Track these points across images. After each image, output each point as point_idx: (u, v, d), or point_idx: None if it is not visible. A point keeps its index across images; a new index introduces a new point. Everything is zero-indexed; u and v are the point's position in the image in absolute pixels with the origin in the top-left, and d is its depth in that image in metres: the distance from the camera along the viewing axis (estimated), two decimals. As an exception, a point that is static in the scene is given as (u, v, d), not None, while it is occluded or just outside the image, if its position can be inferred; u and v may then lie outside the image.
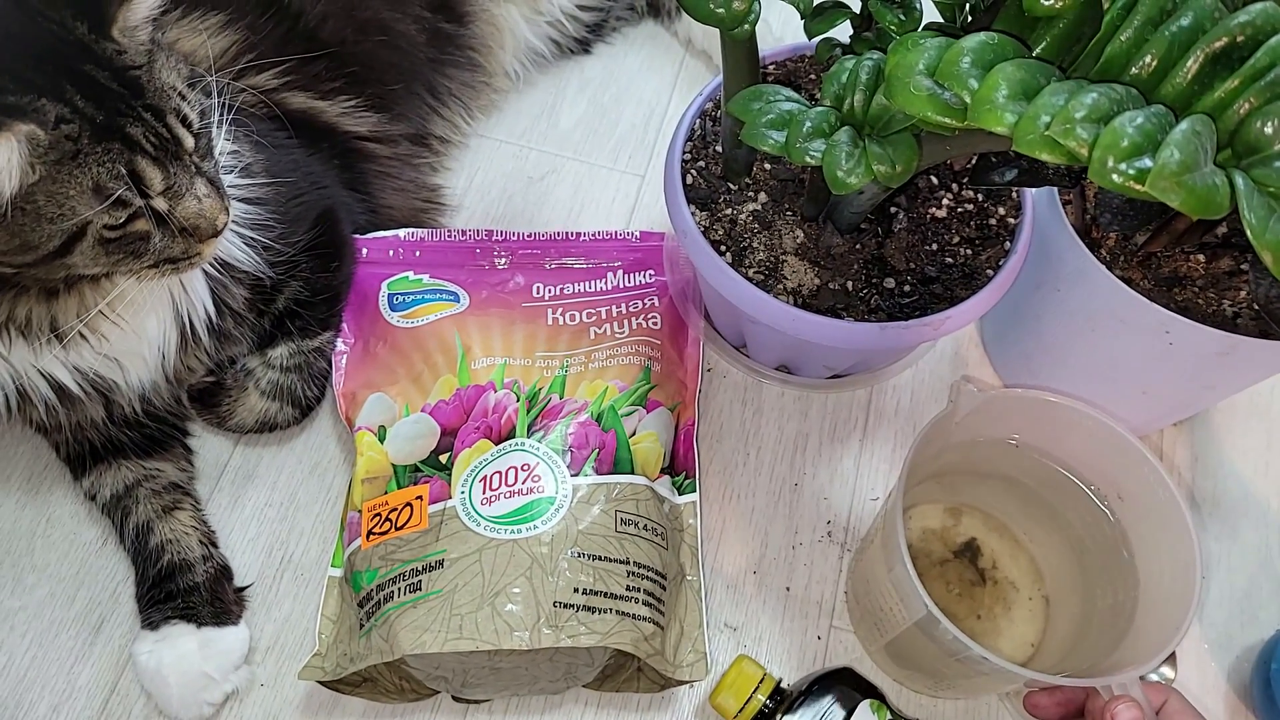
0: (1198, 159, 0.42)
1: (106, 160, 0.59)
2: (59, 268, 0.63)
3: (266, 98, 0.87)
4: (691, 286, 0.90)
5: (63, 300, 0.68)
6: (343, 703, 0.78)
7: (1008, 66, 0.47)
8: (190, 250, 0.67)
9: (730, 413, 0.92)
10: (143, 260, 0.65)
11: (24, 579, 0.84)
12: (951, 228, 0.80)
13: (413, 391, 0.83)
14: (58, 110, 0.57)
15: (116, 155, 0.60)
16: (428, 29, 0.99)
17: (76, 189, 0.59)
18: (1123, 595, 0.71)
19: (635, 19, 1.19)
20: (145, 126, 0.61)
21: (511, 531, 0.73)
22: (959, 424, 0.70)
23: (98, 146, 0.59)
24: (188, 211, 0.65)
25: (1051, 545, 0.79)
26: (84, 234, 0.61)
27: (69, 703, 0.79)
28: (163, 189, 0.63)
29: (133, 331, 0.73)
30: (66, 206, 0.59)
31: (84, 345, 0.72)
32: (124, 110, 0.61)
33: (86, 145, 0.59)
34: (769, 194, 0.80)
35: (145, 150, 0.61)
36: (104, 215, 0.61)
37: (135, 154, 0.61)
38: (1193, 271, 0.75)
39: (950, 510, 0.82)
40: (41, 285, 0.66)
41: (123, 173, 0.60)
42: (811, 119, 0.60)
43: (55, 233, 0.60)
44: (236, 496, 0.88)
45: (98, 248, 0.63)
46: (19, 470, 0.89)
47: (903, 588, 0.65)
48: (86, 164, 0.59)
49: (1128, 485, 0.71)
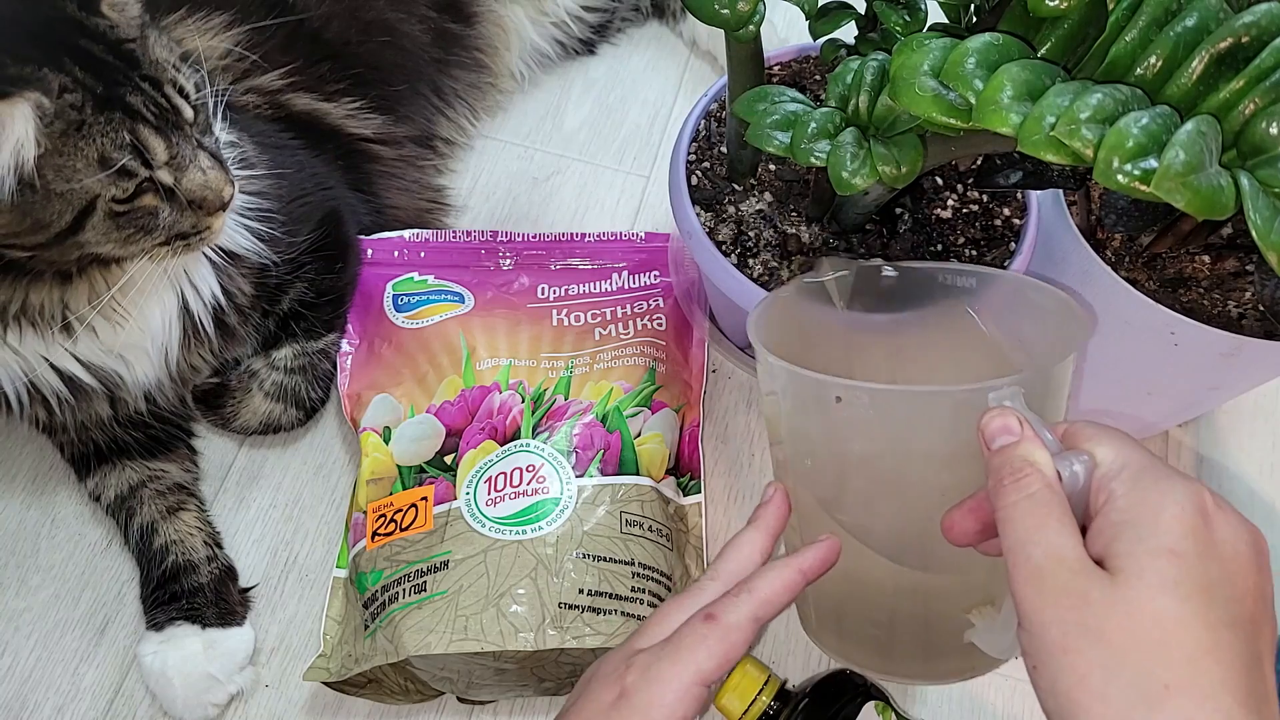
0: (1203, 160, 0.42)
1: (110, 130, 0.60)
2: (72, 247, 0.64)
3: (271, 99, 0.87)
4: (696, 287, 0.90)
5: (76, 285, 0.68)
6: (347, 704, 0.78)
7: (1013, 67, 0.47)
8: (200, 224, 0.68)
9: (735, 414, 0.92)
10: (154, 236, 0.66)
11: (29, 580, 0.84)
12: (956, 229, 0.80)
13: (418, 392, 0.83)
14: (60, 80, 0.58)
15: (119, 124, 0.61)
16: (433, 30, 0.99)
17: (83, 161, 0.60)
18: None
19: (640, 20, 1.19)
20: (144, 96, 0.62)
21: (516, 533, 0.73)
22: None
23: (100, 116, 0.60)
24: (193, 183, 0.66)
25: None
26: (93, 208, 0.62)
27: (74, 704, 0.79)
28: (166, 159, 0.64)
29: (137, 323, 0.74)
30: (75, 180, 0.60)
31: (90, 337, 0.72)
32: (122, 80, 0.61)
33: (90, 115, 0.59)
34: (774, 195, 0.80)
35: (146, 119, 0.62)
36: (111, 187, 0.61)
37: (137, 123, 0.62)
38: (1198, 272, 0.75)
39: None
40: (55, 269, 0.66)
41: (127, 141, 0.61)
42: (816, 120, 0.60)
43: (65, 208, 0.61)
44: (241, 497, 0.88)
45: (108, 222, 0.63)
46: (24, 471, 0.89)
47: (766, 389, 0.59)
48: (91, 134, 0.60)
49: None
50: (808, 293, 0.67)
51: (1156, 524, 0.43)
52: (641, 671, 0.52)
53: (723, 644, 0.53)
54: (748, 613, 0.54)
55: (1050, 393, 0.55)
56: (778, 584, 0.55)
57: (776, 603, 0.55)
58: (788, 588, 0.56)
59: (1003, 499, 0.46)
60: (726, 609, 0.54)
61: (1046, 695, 0.43)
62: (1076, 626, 0.42)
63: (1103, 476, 0.46)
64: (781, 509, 0.61)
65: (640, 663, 0.53)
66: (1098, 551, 0.44)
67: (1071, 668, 0.42)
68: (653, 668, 0.52)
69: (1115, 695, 0.41)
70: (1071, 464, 0.47)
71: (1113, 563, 0.43)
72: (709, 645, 0.53)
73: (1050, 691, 0.43)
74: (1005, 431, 0.48)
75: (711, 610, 0.54)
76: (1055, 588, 0.43)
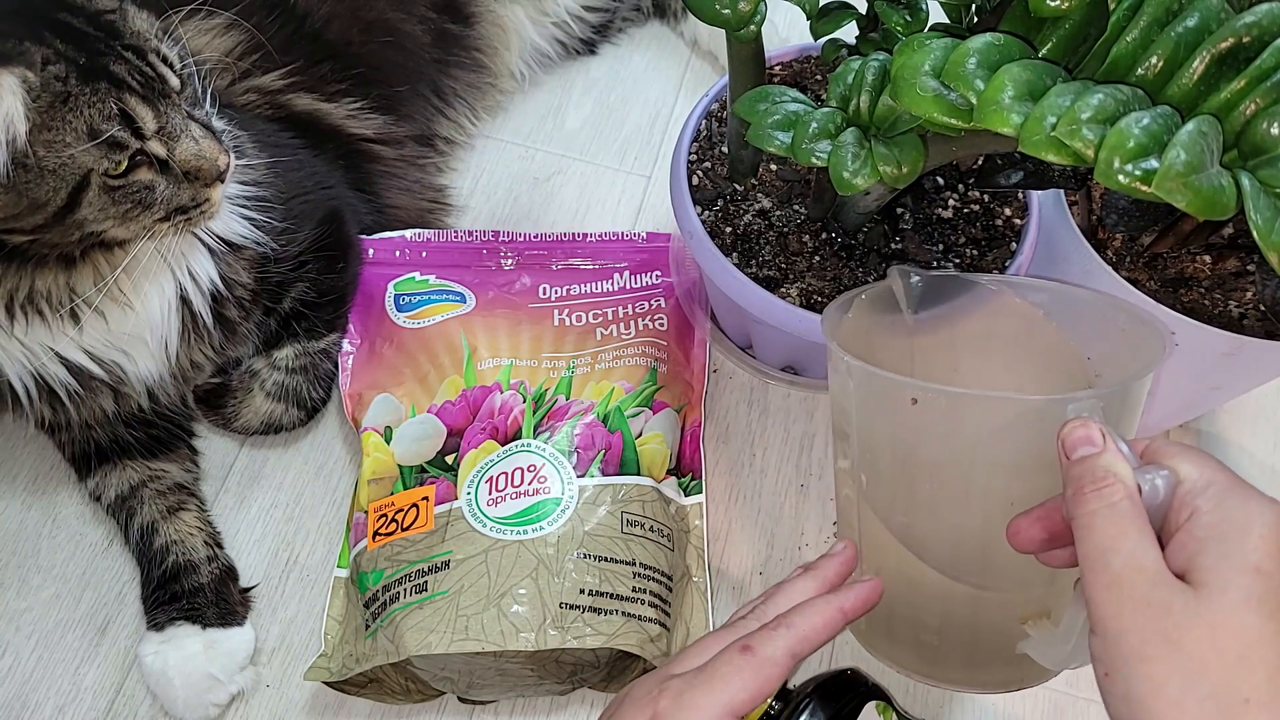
0: (1204, 160, 0.42)
1: (96, 100, 0.60)
2: (72, 227, 0.64)
3: (271, 99, 0.87)
4: (698, 287, 0.90)
5: (80, 269, 0.68)
6: (348, 704, 0.78)
7: (1014, 67, 0.47)
8: (198, 196, 0.68)
9: (736, 414, 0.92)
10: (153, 211, 0.66)
11: (30, 580, 0.84)
12: (958, 228, 0.80)
13: (419, 392, 0.83)
14: (42, 52, 0.58)
15: (105, 94, 0.61)
16: (433, 30, 0.99)
17: (72, 134, 0.60)
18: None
19: (641, 20, 1.18)
20: (128, 65, 0.62)
21: (517, 532, 0.73)
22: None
23: (86, 87, 0.60)
24: (186, 153, 0.66)
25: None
26: (88, 183, 0.62)
27: (74, 704, 0.79)
28: (156, 129, 0.64)
29: (137, 310, 0.73)
30: (66, 154, 0.60)
31: (94, 326, 0.72)
32: (104, 50, 0.62)
33: (75, 87, 0.59)
34: (775, 195, 0.80)
35: (132, 88, 0.62)
36: (103, 160, 0.61)
37: (124, 92, 0.62)
38: (1199, 272, 0.75)
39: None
40: (58, 252, 0.66)
41: (114, 111, 0.61)
42: (817, 120, 0.60)
43: (60, 185, 0.61)
44: (242, 497, 0.88)
45: (104, 197, 0.63)
46: (25, 471, 0.89)
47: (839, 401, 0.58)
48: (78, 106, 0.60)
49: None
50: (875, 298, 0.67)
51: (1244, 541, 0.44)
52: (674, 698, 0.52)
53: (757, 677, 0.53)
54: (784, 647, 0.54)
55: (1127, 409, 0.56)
56: (818, 621, 0.55)
57: (814, 640, 0.55)
58: (827, 626, 0.56)
59: (1083, 507, 0.47)
60: (764, 642, 0.54)
61: (1120, 702, 0.44)
62: (1156, 635, 0.43)
63: (1187, 493, 0.46)
64: (847, 565, 0.61)
65: (674, 688, 0.53)
66: (1179, 565, 0.45)
67: (1149, 675, 0.43)
68: (685, 694, 0.52)
69: (1193, 705, 0.41)
70: (1153, 478, 0.47)
71: (1196, 576, 0.44)
72: (744, 677, 0.53)
73: (1124, 698, 0.43)
74: (1087, 442, 0.48)
75: (748, 642, 0.54)
76: (1135, 596, 0.44)
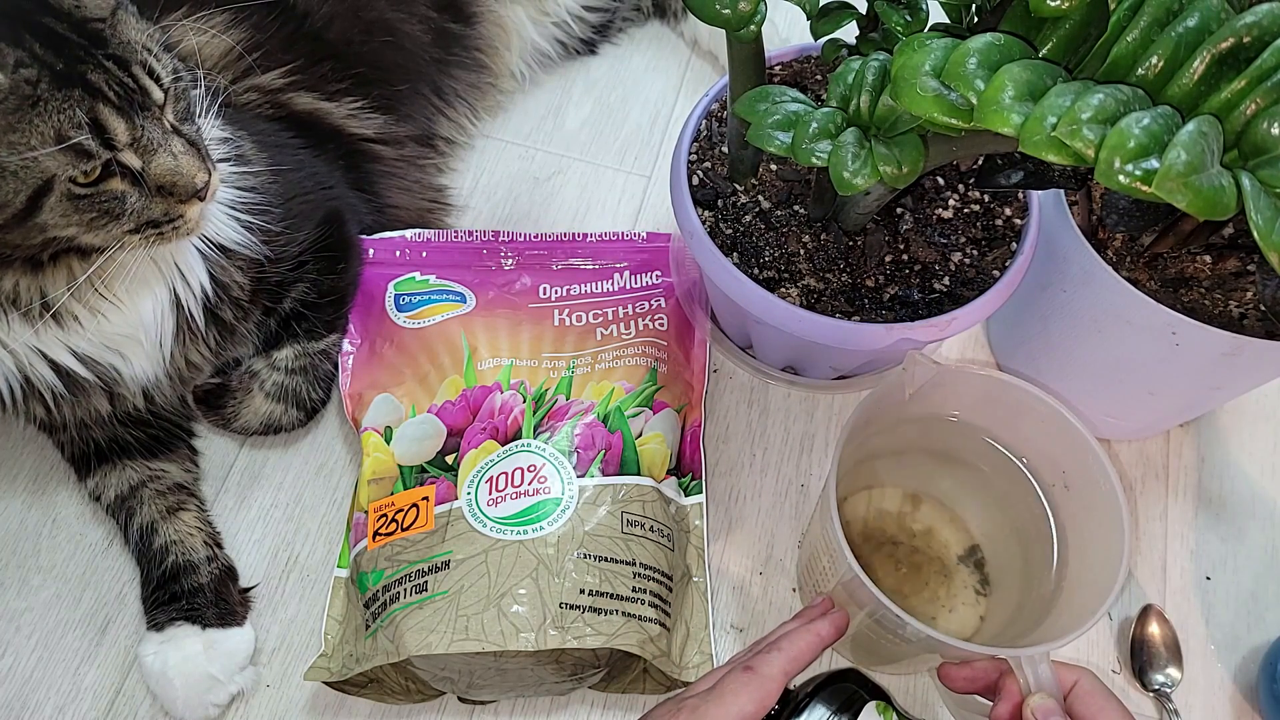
0: (1204, 160, 0.42)
1: (67, 107, 0.59)
2: (33, 230, 0.62)
3: (272, 98, 0.87)
4: (698, 288, 0.90)
5: (49, 273, 0.67)
6: (348, 704, 0.78)
7: (1014, 67, 0.47)
8: (171, 212, 0.66)
9: (737, 414, 0.92)
10: (121, 223, 0.64)
11: (30, 580, 0.84)
12: (958, 229, 0.79)
13: (419, 392, 0.83)
14: (16, 55, 0.57)
15: (77, 102, 0.59)
16: (434, 30, 0.99)
17: (38, 138, 0.58)
18: (1056, 584, 0.72)
19: (641, 20, 1.19)
20: (108, 75, 0.61)
21: (518, 533, 0.73)
22: (914, 397, 0.71)
23: (58, 93, 0.58)
24: (162, 168, 0.64)
25: (1000, 533, 0.79)
26: (50, 188, 0.60)
27: (74, 704, 0.79)
28: (129, 140, 0.62)
29: (127, 314, 0.73)
30: (28, 157, 0.58)
31: (80, 327, 0.71)
32: (84, 58, 0.60)
33: (46, 91, 0.58)
34: (775, 195, 0.80)
35: (108, 99, 0.60)
36: (69, 167, 0.60)
37: (98, 101, 0.60)
38: (1199, 272, 0.75)
39: (909, 496, 0.82)
40: (23, 255, 0.65)
41: (83, 120, 0.59)
42: (818, 120, 0.60)
43: (20, 187, 0.59)
44: (242, 497, 0.88)
45: (67, 204, 0.61)
46: (25, 471, 0.89)
47: (832, 545, 0.67)
48: (46, 111, 0.58)
49: (1074, 474, 0.72)
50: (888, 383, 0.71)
51: None
52: (691, 713, 0.61)
53: (760, 691, 0.62)
54: (780, 667, 0.64)
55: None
56: (803, 645, 0.66)
57: (802, 660, 0.65)
58: (810, 649, 0.66)
59: None
60: (762, 663, 0.64)
61: None
62: None
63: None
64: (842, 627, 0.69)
65: (690, 706, 0.62)
66: None
67: None
68: (700, 709, 0.61)
69: None
70: None
71: None
72: (749, 691, 0.62)
73: None
74: (1054, 713, 0.59)
75: (750, 664, 0.64)
76: None
